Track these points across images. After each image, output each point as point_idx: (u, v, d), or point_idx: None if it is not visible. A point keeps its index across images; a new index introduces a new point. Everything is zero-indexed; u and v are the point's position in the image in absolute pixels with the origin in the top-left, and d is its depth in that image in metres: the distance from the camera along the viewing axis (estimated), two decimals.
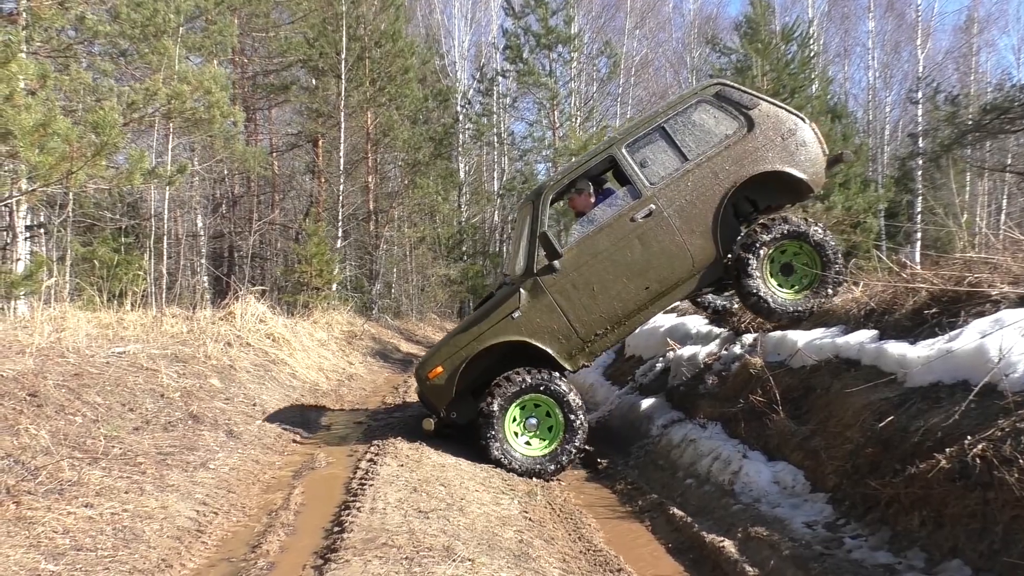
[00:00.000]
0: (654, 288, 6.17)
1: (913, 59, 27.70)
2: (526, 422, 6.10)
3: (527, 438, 6.12)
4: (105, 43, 10.71)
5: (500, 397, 5.97)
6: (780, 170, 6.15)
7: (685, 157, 6.19)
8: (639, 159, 6.23)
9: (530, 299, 6.11)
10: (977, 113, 16.70)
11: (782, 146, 6.18)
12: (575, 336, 6.18)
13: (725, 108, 6.25)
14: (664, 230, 6.12)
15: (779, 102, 6.39)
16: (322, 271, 16.88)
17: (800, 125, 6.24)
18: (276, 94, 21.22)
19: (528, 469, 5.99)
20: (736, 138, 6.19)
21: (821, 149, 6.29)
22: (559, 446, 6.05)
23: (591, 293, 6.11)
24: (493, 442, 5.97)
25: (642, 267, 6.12)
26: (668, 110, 6.33)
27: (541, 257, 6.08)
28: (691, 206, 6.13)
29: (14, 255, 10.52)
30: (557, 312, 6.12)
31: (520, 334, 6.11)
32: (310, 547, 3.94)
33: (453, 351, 6.19)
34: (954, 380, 4.25)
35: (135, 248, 14.62)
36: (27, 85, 6.20)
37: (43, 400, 5.13)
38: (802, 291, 6.23)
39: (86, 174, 6.50)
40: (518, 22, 24.65)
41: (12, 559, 3.24)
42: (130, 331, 8.29)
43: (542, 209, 6.22)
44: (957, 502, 3.54)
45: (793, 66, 18.60)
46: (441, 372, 6.15)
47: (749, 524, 4.39)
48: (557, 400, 6.04)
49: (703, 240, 6.15)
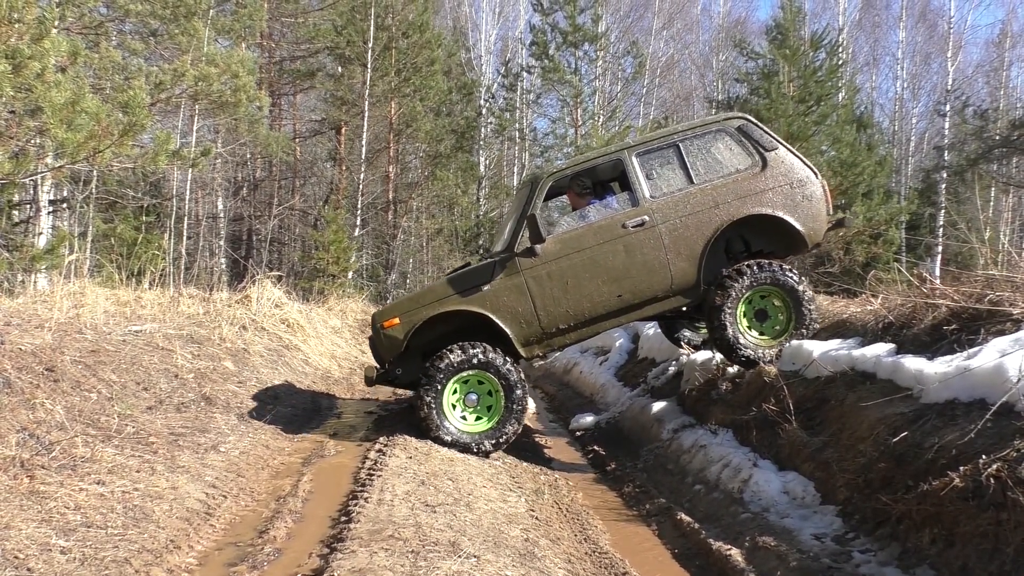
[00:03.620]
0: (626, 298, 6.14)
1: (943, 71, 27.45)
2: (466, 397, 6.06)
3: (463, 412, 6.07)
4: (136, 22, 10.78)
5: (446, 365, 5.93)
6: (780, 217, 6.12)
7: (691, 180, 6.17)
8: (646, 170, 6.21)
9: (504, 276, 6.07)
10: (1006, 128, 16.52)
11: (789, 194, 6.15)
12: (537, 324, 6.12)
13: (743, 143, 6.23)
14: (652, 244, 6.09)
15: (799, 153, 6.36)
16: (339, 258, 16.95)
17: (812, 179, 6.20)
18: (302, 80, 21.29)
19: (457, 442, 5.95)
20: (746, 175, 6.16)
21: (826, 208, 6.26)
22: (496, 427, 6.02)
23: (564, 286, 6.07)
24: (429, 407, 5.91)
25: (620, 274, 6.08)
26: (687, 130, 6.33)
27: (524, 239, 6.04)
28: (684, 228, 6.10)
29: (36, 229, 10.63)
30: (526, 296, 6.07)
31: (484, 307, 6.05)
32: (317, 535, 3.95)
33: (414, 306, 6.15)
34: (971, 398, 4.20)
35: (155, 227, 14.75)
36: (58, 62, 6.24)
37: (59, 375, 5.18)
38: (775, 338, 6.23)
39: (112, 152, 6.54)
40: (546, 18, 24.57)
41: (24, 533, 3.28)
42: (147, 310, 8.36)
43: (538, 192, 6.21)
44: (969, 521, 3.51)
45: (821, 73, 18.46)
46: (397, 324, 6.09)
47: (757, 533, 4.37)
48: (503, 381, 5.99)
49: (687, 264, 6.12)
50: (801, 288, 6.13)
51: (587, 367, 11.09)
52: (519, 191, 6.88)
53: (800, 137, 17.12)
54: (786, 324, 6.22)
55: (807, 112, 17.79)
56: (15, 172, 6.72)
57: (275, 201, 20.95)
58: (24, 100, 6.52)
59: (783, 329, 6.23)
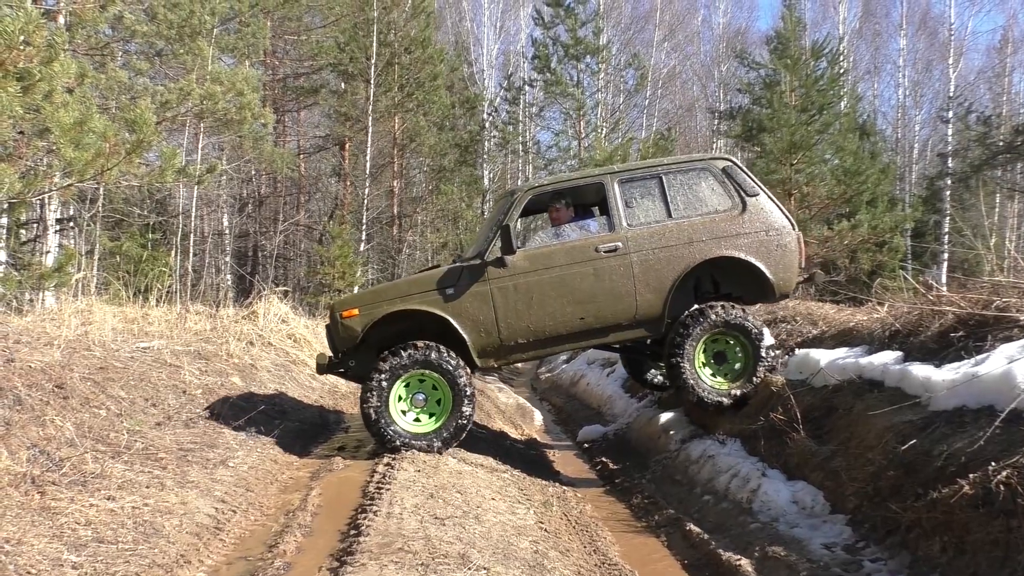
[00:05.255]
0: (589, 321, 6.12)
1: (944, 78, 27.49)
2: (414, 396, 5.99)
3: (405, 406, 5.99)
4: (142, 42, 10.89)
5: (396, 362, 5.87)
6: (752, 262, 6.12)
7: (670, 213, 6.18)
8: (626, 197, 6.21)
9: (470, 283, 6.02)
10: (1009, 134, 16.53)
11: (764, 241, 6.16)
12: (496, 335, 6.07)
13: (726, 184, 6.25)
14: (621, 271, 6.08)
15: (780, 203, 6.37)
16: (345, 273, 16.98)
17: (788, 230, 6.22)
18: (305, 97, 21.42)
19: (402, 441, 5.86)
20: (725, 216, 6.18)
21: (799, 260, 6.28)
22: (443, 426, 5.94)
23: (528, 301, 6.04)
24: (372, 406, 5.84)
25: (586, 297, 6.06)
26: (672, 164, 6.36)
27: (496, 248, 6.02)
28: (656, 260, 6.10)
29: (44, 248, 10.69)
30: (489, 305, 6.02)
31: (445, 311, 5.99)
32: (326, 549, 3.96)
33: (376, 300, 6.10)
34: (979, 405, 4.20)
35: (162, 244, 14.82)
36: (65, 83, 6.31)
37: (69, 392, 5.20)
38: (734, 381, 6.24)
39: (120, 171, 6.60)
40: (547, 32, 24.69)
41: (36, 548, 3.29)
42: (155, 327, 8.39)
43: (516, 204, 6.22)
44: (980, 529, 3.50)
45: (822, 82, 18.50)
46: (355, 316, 6.01)
47: (767, 543, 4.36)
48: (450, 381, 5.91)
49: (654, 296, 6.11)
50: (758, 333, 6.15)
51: (594, 378, 11.08)
52: (498, 202, 6.90)
53: (803, 146, 17.17)
54: (743, 368, 6.24)
55: (810, 121, 17.82)
56: (25, 191, 6.79)
57: (280, 217, 21.03)
58: (33, 120, 6.60)
59: (740, 373, 6.26)
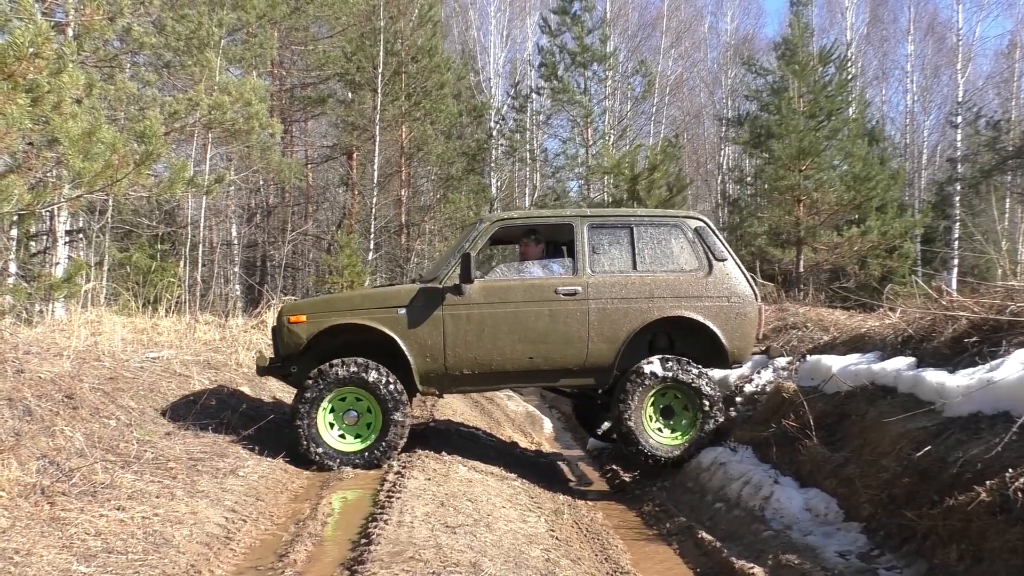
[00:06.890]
0: (537, 362, 6.06)
1: (953, 83, 27.40)
2: (346, 413, 5.91)
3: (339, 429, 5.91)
4: (150, 54, 10.94)
5: (331, 375, 5.79)
6: (710, 327, 6.10)
7: (635, 265, 6.16)
8: (594, 243, 6.19)
9: (423, 306, 5.94)
10: (1018, 138, 16.44)
11: (725, 307, 6.14)
12: (442, 362, 5.97)
13: (695, 245, 6.23)
14: (577, 316, 6.03)
15: (748, 274, 6.35)
16: (353, 283, 16.95)
17: (751, 299, 6.21)
18: (313, 106, 21.47)
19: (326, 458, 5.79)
20: (689, 276, 6.16)
21: (757, 331, 6.27)
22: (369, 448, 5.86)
23: (479, 333, 5.95)
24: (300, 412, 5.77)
25: (538, 337, 6.00)
26: (644, 216, 6.38)
27: (455, 274, 5.94)
28: (614, 311, 6.06)
29: (53, 259, 10.74)
30: (439, 331, 5.93)
31: (394, 330, 5.89)
32: (337, 558, 3.94)
33: (326, 309, 6.02)
34: (995, 411, 4.16)
35: (170, 255, 14.85)
36: (74, 94, 6.34)
37: (79, 402, 5.21)
38: (682, 437, 6.21)
39: (129, 181, 6.62)
40: (554, 40, 24.73)
41: (46, 559, 3.28)
42: (164, 337, 8.42)
43: (482, 233, 6.20)
44: (997, 536, 3.45)
45: (830, 88, 18.46)
46: (303, 322, 5.91)
47: (780, 551, 4.32)
48: (382, 402, 5.83)
49: (607, 347, 6.06)
50: (708, 390, 6.11)
51: None
52: (465, 228, 6.91)
53: (812, 152, 17.14)
54: (691, 423, 6.21)
55: (818, 127, 17.78)
56: (34, 203, 6.81)
57: (288, 227, 21.05)
58: (41, 132, 6.62)
59: (688, 427, 6.23)
